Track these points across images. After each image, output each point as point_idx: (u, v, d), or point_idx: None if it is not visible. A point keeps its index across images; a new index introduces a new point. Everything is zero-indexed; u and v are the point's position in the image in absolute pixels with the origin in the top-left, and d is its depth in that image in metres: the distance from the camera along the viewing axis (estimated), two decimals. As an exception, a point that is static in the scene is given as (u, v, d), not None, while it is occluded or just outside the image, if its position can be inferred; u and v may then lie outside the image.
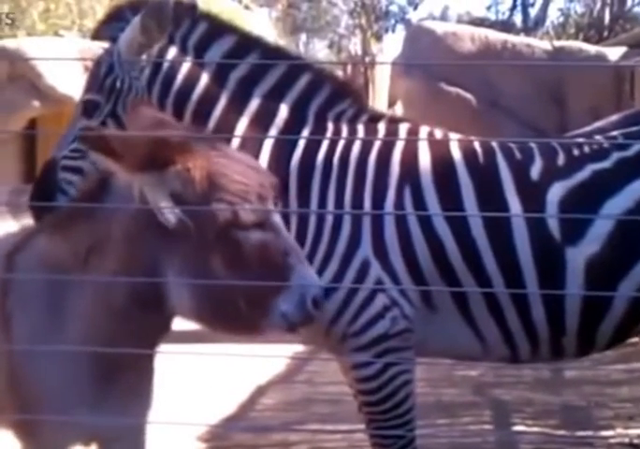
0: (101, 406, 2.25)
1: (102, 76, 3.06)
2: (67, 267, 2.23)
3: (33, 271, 2.29)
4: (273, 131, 3.02)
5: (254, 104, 3.04)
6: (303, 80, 3.09)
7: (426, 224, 2.87)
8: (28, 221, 2.92)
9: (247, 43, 3.11)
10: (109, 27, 3.15)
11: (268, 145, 3.00)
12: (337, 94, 3.11)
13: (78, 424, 2.23)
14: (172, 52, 3.05)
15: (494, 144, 3.03)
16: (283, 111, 3.05)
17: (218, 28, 3.11)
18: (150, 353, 2.32)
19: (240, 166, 2.14)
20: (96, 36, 3.22)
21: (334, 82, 3.17)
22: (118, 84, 3.03)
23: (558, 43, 11.09)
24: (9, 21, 12.09)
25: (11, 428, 2.38)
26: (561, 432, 5.04)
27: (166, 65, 3.03)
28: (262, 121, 3.03)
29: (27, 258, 2.37)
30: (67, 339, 2.22)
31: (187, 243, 2.09)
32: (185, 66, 3.04)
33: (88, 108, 3.06)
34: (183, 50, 3.06)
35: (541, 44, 10.63)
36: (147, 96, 3.02)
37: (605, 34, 21.68)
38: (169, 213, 2.06)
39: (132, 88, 3.03)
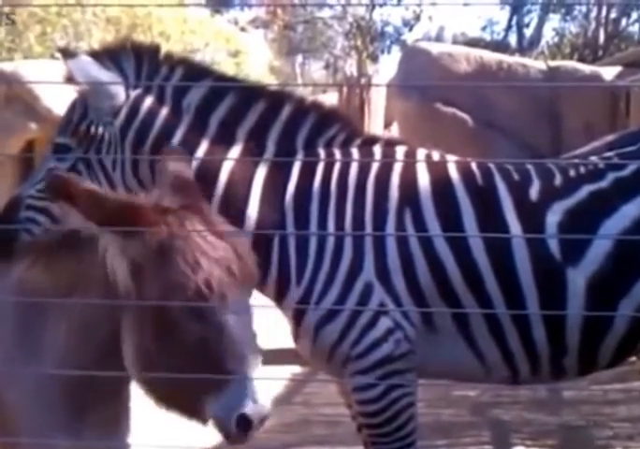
0: (80, 433, 2.25)
1: (76, 120, 3.04)
2: (46, 297, 2.21)
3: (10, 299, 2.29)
4: (263, 168, 3.00)
5: (239, 144, 3.03)
6: (286, 112, 3.07)
7: (427, 246, 2.87)
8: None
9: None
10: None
11: (259, 180, 2.98)
12: (323, 121, 3.10)
13: None
14: (150, 99, 3.04)
15: (491, 165, 3.04)
16: (271, 146, 3.04)
17: (195, 72, 3.11)
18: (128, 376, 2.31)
19: (212, 249, 2.05)
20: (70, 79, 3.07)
21: (318, 110, 3.15)
22: (92, 130, 3.01)
23: (553, 63, 11.13)
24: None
25: None
26: (560, 452, 5.03)
27: (142, 111, 3.02)
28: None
29: (4, 287, 2.36)
30: (44, 367, 2.22)
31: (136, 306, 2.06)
32: (163, 113, 3.03)
33: (59, 151, 3.02)
34: (161, 96, 3.05)
35: (536, 64, 10.66)
36: (119, 142, 3.00)
37: (600, 53, 21.73)
38: (121, 278, 2.05)
39: (105, 133, 3.01)
